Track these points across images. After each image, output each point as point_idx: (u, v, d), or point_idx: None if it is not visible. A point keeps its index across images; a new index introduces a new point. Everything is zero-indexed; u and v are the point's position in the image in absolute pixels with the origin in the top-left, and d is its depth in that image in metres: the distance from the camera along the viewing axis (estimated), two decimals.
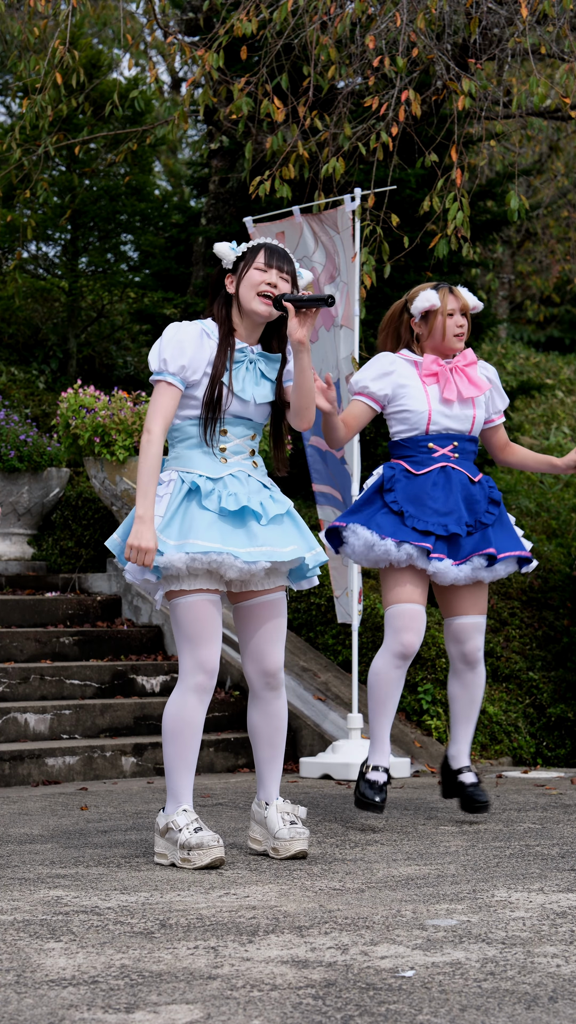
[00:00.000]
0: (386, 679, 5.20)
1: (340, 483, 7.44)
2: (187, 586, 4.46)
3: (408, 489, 5.24)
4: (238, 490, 4.51)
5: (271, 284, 4.57)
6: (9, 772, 6.90)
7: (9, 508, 9.58)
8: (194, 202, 14.62)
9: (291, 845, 4.57)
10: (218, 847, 4.38)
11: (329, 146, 8.49)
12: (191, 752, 4.49)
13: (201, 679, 4.47)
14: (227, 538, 4.44)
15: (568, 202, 18.27)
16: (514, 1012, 2.65)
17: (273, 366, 4.66)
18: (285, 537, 4.54)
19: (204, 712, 4.49)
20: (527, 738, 8.30)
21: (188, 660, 4.48)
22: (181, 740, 4.47)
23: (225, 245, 4.64)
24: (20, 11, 10.65)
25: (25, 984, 2.92)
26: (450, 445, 5.32)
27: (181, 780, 4.49)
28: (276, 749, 4.65)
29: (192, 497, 4.49)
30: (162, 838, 4.51)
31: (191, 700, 4.46)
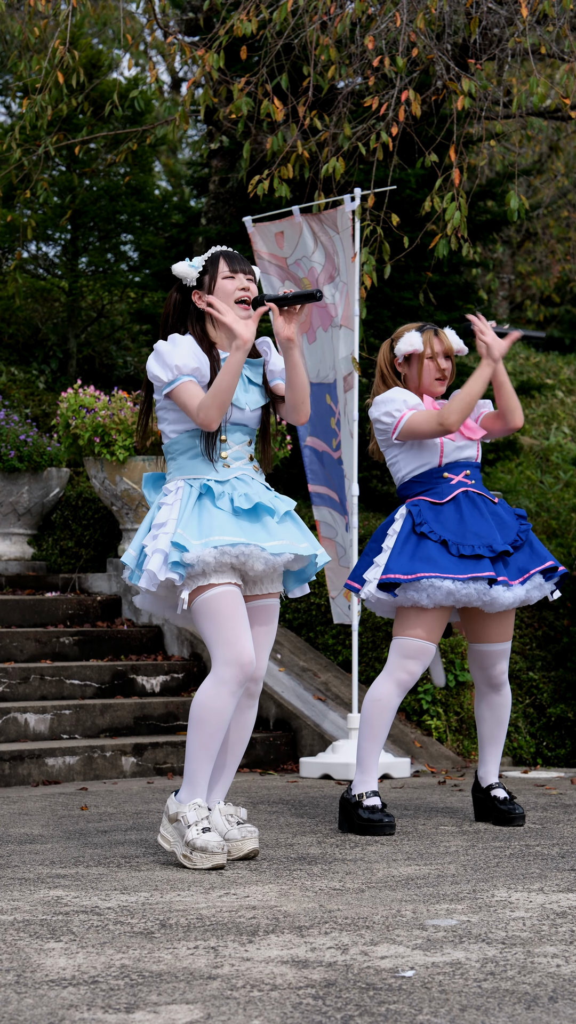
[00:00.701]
0: (387, 707, 5.20)
1: (336, 484, 7.44)
2: (215, 580, 4.44)
3: (438, 519, 5.23)
4: (247, 490, 4.55)
5: (243, 288, 4.64)
6: (9, 772, 6.90)
7: (9, 508, 9.58)
8: (194, 202, 14.62)
9: (243, 845, 4.59)
10: (221, 853, 4.40)
11: (329, 146, 8.49)
12: (215, 743, 4.45)
13: (236, 671, 4.43)
14: (248, 533, 4.47)
15: (568, 202, 18.27)
16: (514, 1012, 2.65)
17: (257, 371, 4.73)
18: (297, 535, 4.60)
19: (235, 705, 4.47)
20: (527, 738, 8.30)
21: (223, 653, 4.43)
22: (207, 730, 4.43)
23: (183, 264, 4.69)
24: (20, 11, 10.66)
25: (25, 984, 2.92)
26: (463, 472, 5.35)
27: (201, 769, 4.47)
28: (235, 757, 4.67)
29: (204, 499, 4.52)
30: (171, 823, 4.51)
31: (223, 692, 4.42)
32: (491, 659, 5.40)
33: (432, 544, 5.17)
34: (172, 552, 4.41)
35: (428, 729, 7.98)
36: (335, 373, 7.33)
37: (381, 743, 5.25)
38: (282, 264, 7.52)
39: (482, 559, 5.16)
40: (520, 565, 5.27)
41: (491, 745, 5.49)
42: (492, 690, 5.44)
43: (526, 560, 5.29)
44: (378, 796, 5.22)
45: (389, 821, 5.15)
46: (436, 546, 5.16)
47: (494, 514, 5.32)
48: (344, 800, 5.26)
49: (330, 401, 7.40)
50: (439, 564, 5.13)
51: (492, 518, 5.30)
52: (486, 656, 5.39)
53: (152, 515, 4.61)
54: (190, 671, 8.26)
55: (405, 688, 5.22)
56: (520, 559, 5.28)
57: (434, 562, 5.13)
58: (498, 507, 5.36)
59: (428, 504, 5.27)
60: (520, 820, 5.38)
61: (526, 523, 5.35)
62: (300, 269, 7.44)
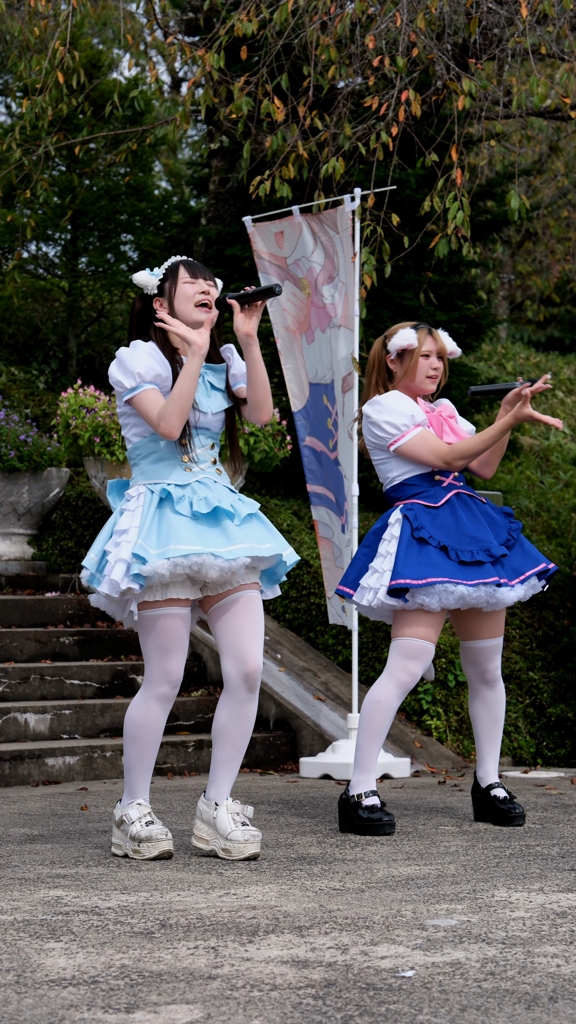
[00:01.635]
0: (388, 708, 5.20)
1: (333, 484, 7.44)
2: (161, 596, 4.56)
3: (435, 523, 5.23)
4: (207, 494, 4.62)
5: (204, 292, 4.72)
6: (9, 772, 6.90)
7: (9, 508, 9.58)
8: (194, 202, 14.62)
9: (245, 848, 4.62)
10: (166, 840, 4.58)
11: (329, 146, 8.48)
12: (150, 755, 4.68)
13: (165, 689, 4.63)
14: (205, 539, 4.54)
15: (568, 202, 18.26)
16: (514, 1012, 2.65)
17: (219, 376, 4.82)
18: (261, 535, 4.64)
19: (164, 719, 4.67)
20: (527, 738, 8.30)
21: (155, 670, 4.62)
22: (142, 744, 4.66)
23: (144, 273, 4.78)
24: (20, 11, 10.65)
25: (25, 984, 2.92)
26: (452, 474, 5.35)
27: (139, 779, 4.69)
28: (238, 751, 4.71)
29: (164, 505, 4.59)
30: (118, 829, 4.68)
31: (154, 708, 4.63)
32: (484, 655, 5.39)
33: (433, 550, 5.17)
34: (133, 563, 4.50)
35: (428, 729, 7.98)
36: (332, 374, 7.33)
37: (380, 743, 5.25)
38: (282, 264, 7.52)
39: (483, 564, 5.16)
40: (515, 566, 5.28)
41: (488, 744, 5.49)
42: (486, 687, 5.43)
43: (520, 561, 5.30)
44: (377, 796, 5.22)
45: (389, 820, 5.15)
46: (437, 552, 5.16)
47: (485, 514, 5.32)
48: (343, 801, 5.26)
49: (327, 402, 7.40)
50: (446, 570, 5.13)
51: (484, 519, 5.30)
52: (479, 652, 5.39)
53: (114, 520, 4.69)
54: (190, 671, 8.26)
55: (406, 689, 5.22)
56: (514, 559, 5.30)
57: (441, 568, 5.13)
58: (487, 507, 5.37)
59: (423, 508, 5.26)
60: (520, 820, 5.38)
61: (516, 522, 5.36)
62: (299, 269, 7.44)
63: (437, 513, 5.25)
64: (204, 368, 4.77)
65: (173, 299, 4.73)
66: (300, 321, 7.51)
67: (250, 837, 4.62)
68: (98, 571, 4.66)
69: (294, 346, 7.59)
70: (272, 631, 8.60)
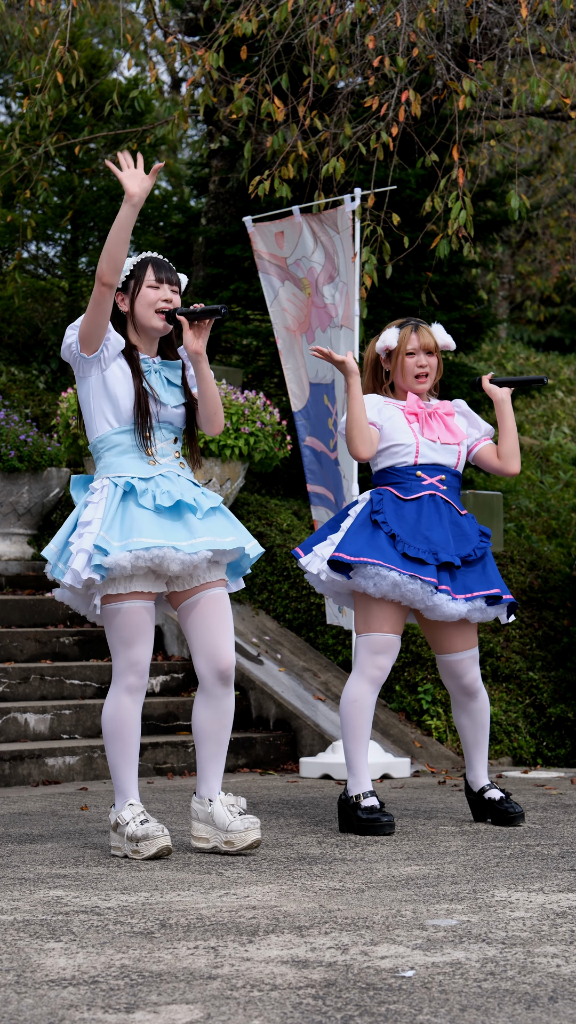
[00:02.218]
0: (364, 705, 5.18)
1: (333, 484, 7.44)
2: (124, 589, 4.59)
3: (397, 513, 5.21)
4: (170, 488, 4.64)
5: (166, 300, 4.74)
6: (9, 772, 6.90)
7: (9, 508, 9.58)
8: (194, 202, 14.62)
9: (247, 836, 4.66)
10: (163, 836, 4.57)
11: (329, 146, 8.48)
12: (132, 749, 4.67)
13: (133, 680, 4.64)
14: (167, 533, 4.57)
15: (568, 202, 18.27)
16: (514, 1012, 2.65)
17: (175, 372, 4.84)
18: (223, 529, 4.67)
19: (139, 710, 4.67)
20: (527, 738, 8.30)
21: (121, 662, 4.64)
22: (121, 739, 4.66)
23: None
24: (20, 11, 10.65)
25: (25, 984, 2.92)
26: (438, 476, 5.31)
27: (126, 776, 4.68)
28: (221, 746, 4.77)
29: (128, 498, 4.62)
30: (115, 832, 4.68)
31: (125, 700, 4.65)
32: (461, 667, 5.33)
33: (383, 536, 5.16)
34: (95, 554, 4.52)
35: (428, 729, 7.98)
36: (333, 374, 7.33)
37: (366, 742, 5.24)
38: (282, 264, 7.52)
39: (426, 565, 5.13)
40: (467, 583, 5.21)
41: (476, 750, 5.46)
42: (468, 698, 5.38)
43: (474, 580, 5.22)
44: (375, 796, 5.21)
45: (388, 820, 5.15)
46: (386, 538, 5.15)
47: (455, 524, 5.27)
48: (342, 802, 5.26)
49: (328, 402, 7.40)
50: (386, 555, 5.11)
51: (451, 527, 5.25)
52: (455, 665, 5.34)
53: (78, 512, 4.71)
54: (190, 671, 8.26)
55: (379, 684, 5.20)
56: (468, 577, 5.21)
57: (383, 553, 5.11)
58: (463, 519, 5.31)
59: (392, 496, 5.24)
60: (520, 819, 5.37)
61: (485, 542, 5.30)
62: (300, 269, 7.44)
63: (403, 505, 5.23)
64: (160, 364, 4.79)
65: (135, 299, 4.75)
66: (300, 321, 7.51)
67: (250, 825, 4.67)
68: (60, 561, 4.68)
69: (295, 346, 7.59)
70: (272, 631, 8.60)
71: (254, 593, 8.83)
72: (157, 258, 4.79)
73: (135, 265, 4.77)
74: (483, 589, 5.20)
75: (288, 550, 8.76)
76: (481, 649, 8.65)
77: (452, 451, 5.33)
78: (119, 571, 4.52)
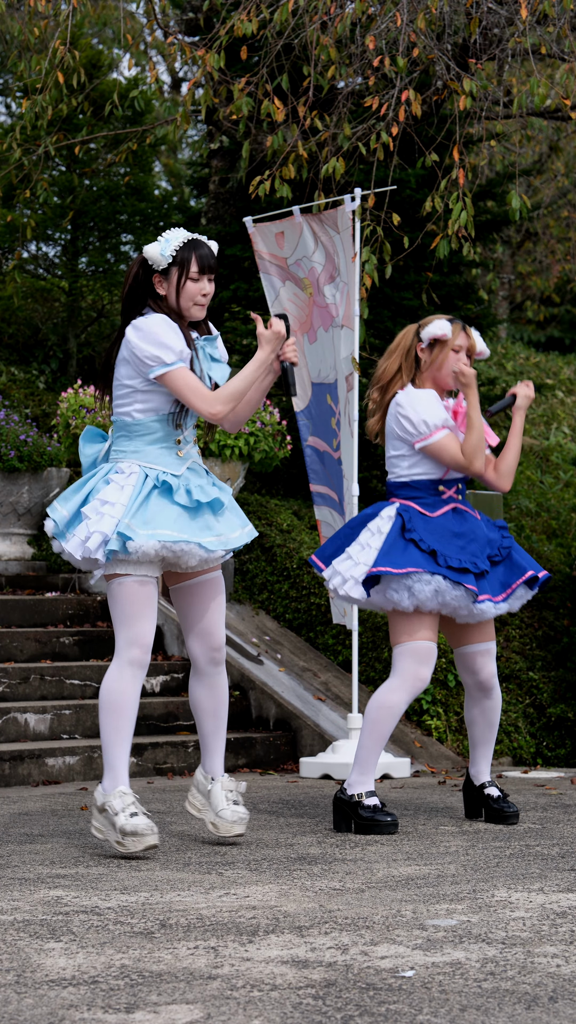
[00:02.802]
0: (396, 713, 5.19)
1: (336, 484, 7.44)
2: (133, 571, 4.61)
3: (429, 530, 5.21)
4: (200, 483, 4.70)
5: (205, 294, 4.72)
6: (9, 772, 6.90)
7: (9, 508, 9.58)
8: (194, 202, 14.62)
9: (232, 827, 4.83)
10: (152, 835, 4.57)
11: (329, 146, 8.48)
12: (127, 724, 4.65)
13: (136, 653, 4.64)
14: (191, 528, 4.61)
15: (568, 202, 18.26)
16: (514, 1012, 2.65)
17: (215, 346, 4.82)
18: (232, 523, 4.72)
19: (139, 687, 4.66)
20: (527, 738, 8.30)
21: (123, 636, 4.64)
22: (116, 712, 4.63)
23: (155, 247, 4.70)
24: (20, 11, 10.65)
25: (25, 984, 2.92)
26: (455, 487, 5.33)
27: (118, 754, 4.65)
28: (220, 720, 4.87)
29: (156, 492, 4.63)
30: (100, 814, 4.67)
31: (126, 674, 4.64)
32: (478, 661, 5.36)
33: (418, 552, 5.16)
34: (114, 540, 4.53)
35: (428, 729, 7.98)
36: (336, 373, 7.33)
37: (383, 746, 5.26)
38: (282, 264, 7.52)
39: (468, 573, 5.15)
40: (502, 579, 5.26)
41: (483, 747, 5.48)
42: (483, 694, 5.40)
43: (507, 574, 5.26)
44: (376, 795, 5.22)
45: (392, 820, 5.15)
46: (424, 555, 5.16)
47: (479, 529, 5.30)
48: (340, 800, 5.25)
49: (331, 401, 7.40)
50: (429, 566, 5.13)
51: (478, 533, 5.28)
52: (473, 658, 5.35)
53: (96, 484, 4.68)
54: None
55: (417, 694, 5.23)
56: (501, 573, 5.26)
57: (423, 563, 5.13)
58: (480, 522, 5.34)
59: (418, 513, 5.24)
60: (514, 818, 5.38)
61: (508, 536, 5.32)
62: (300, 269, 7.44)
63: (432, 521, 5.23)
64: (203, 341, 4.78)
65: (179, 289, 4.69)
66: (302, 321, 7.51)
67: (238, 819, 4.82)
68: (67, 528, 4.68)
69: (296, 346, 7.59)
70: (272, 631, 8.61)
71: (254, 593, 8.83)
72: (198, 243, 4.71)
73: (180, 252, 4.69)
74: (518, 578, 5.27)
75: (288, 550, 8.76)
76: None
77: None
78: (142, 557, 4.55)
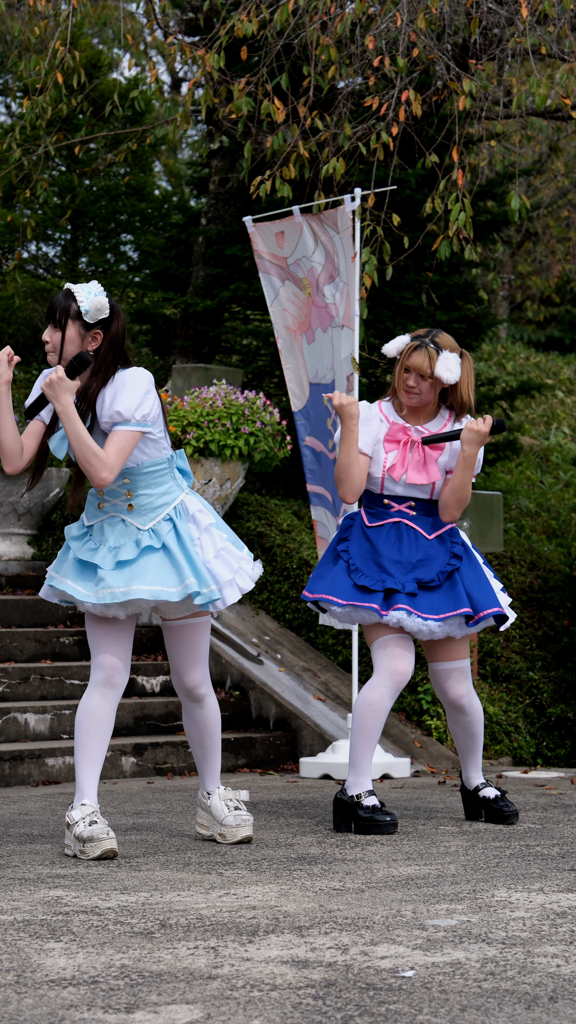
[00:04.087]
0: (381, 710, 5.19)
1: (331, 484, 7.44)
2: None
3: (359, 541, 5.28)
4: (108, 534, 4.78)
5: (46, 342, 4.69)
6: (9, 772, 6.90)
7: (9, 508, 9.58)
8: (194, 202, 14.62)
9: (237, 831, 4.89)
10: (108, 839, 4.60)
11: (329, 146, 8.48)
12: (94, 745, 4.73)
13: (100, 675, 4.76)
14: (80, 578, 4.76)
15: (568, 202, 18.27)
16: (514, 1012, 2.65)
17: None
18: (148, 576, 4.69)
19: (109, 707, 4.75)
20: (527, 738, 8.30)
21: (94, 660, 4.81)
22: (84, 733, 4.75)
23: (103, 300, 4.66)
24: (20, 11, 10.65)
25: (25, 984, 2.92)
26: (407, 503, 5.30)
27: (84, 773, 4.73)
28: (207, 750, 4.98)
29: (72, 540, 4.87)
30: (69, 831, 4.71)
31: (94, 695, 4.76)
32: (447, 680, 5.31)
33: (343, 564, 5.25)
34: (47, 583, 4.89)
35: (428, 729, 7.98)
36: (333, 373, 7.33)
37: (374, 745, 5.25)
38: (282, 264, 7.52)
39: (370, 592, 5.16)
40: (434, 604, 5.18)
41: (468, 756, 5.47)
42: (457, 712, 5.38)
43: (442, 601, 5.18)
44: (375, 796, 5.22)
45: (392, 820, 5.15)
46: (345, 568, 5.24)
47: (419, 549, 5.24)
48: (340, 801, 5.25)
49: (327, 402, 7.40)
50: (336, 586, 5.21)
51: (413, 553, 5.24)
52: (441, 675, 5.32)
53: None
54: None
55: (399, 689, 5.22)
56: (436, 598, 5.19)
57: (334, 583, 5.22)
58: (430, 544, 5.26)
59: (360, 523, 5.32)
60: (513, 818, 5.38)
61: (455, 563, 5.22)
62: (300, 269, 7.44)
63: (368, 531, 5.29)
64: None
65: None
66: (301, 321, 7.51)
67: (241, 821, 4.89)
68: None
69: (295, 346, 7.59)
70: (272, 631, 8.61)
71: (254, 593, 8.83)
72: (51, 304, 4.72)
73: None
74: (452, 609, 5.17)
75: (288, 550, 8.76)
76: (481, 649, 8.65)
77: (422, 489, 5.28)
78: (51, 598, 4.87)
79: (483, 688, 8.38)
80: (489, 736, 8.17)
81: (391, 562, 5.21)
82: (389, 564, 5.21)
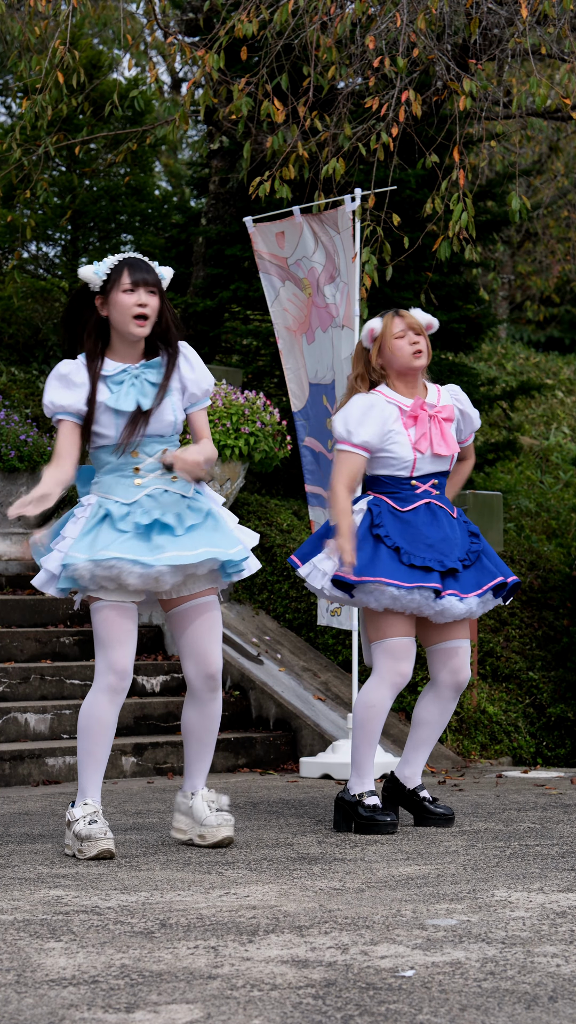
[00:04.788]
0: (382, 711, 5.19)
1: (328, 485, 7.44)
2: (106, 596, 4.64)
3: (397, 525, 5.21)
4: (152, 507, 4.64)
5: (141, 304, 4.65)
6: (9, 772, 6.90)
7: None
8: (194, 202, 14.63)
9: (218, 832, 4.79)
10: (106, 840, 4.57)
11: (329, 146, 8.48)
12: (99, 749, 4.68)
13: (112, 679, 4.66)
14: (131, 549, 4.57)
15: (568, 202, 18.27)
16: (514, 1012, 2.65)
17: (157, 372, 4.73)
18: (196, 541, 4.62)
19: (115, 712, 4.68)
20: (527, 738, 8.30)
21: (101, 661, 4.68)
22: (90, 737, 4.67)
23: (89, 269, 4.71)
24: (20, 11, 10.65)
25: (25, 984, 2.92)
26: (431, 482, 5.31)
27: (88, 776, 4.69)
28: (206, 746, 4.87)
29: (105, 521, 4.64)
30: (69, 830, 4.69)
31: (102, 699, 4.66)
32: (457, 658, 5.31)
33: (385, 549, 5.15)
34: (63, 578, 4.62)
35: None
36: (332, 374, 7.33)
37: (376, 745, 5.25)
38: (282, 264, 7.53)
39: (431, 571, 5.13)
40: (472, 580, 5.23)
41: (424, 748, 5.41)
42: (454, 693, 5.35)
43: (479, 576, 5.24)
44: (376, 796, 5.22)
45: (392, 820, 5.16)
46: (389, 552, 5.15)
47: (453, 530, 5.27)
48: (341, 800, 5.26)
49: (326, 402, 7.40)
50: (387, 569, 5.10)
51: (452, 532, 5.26)
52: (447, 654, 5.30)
53: (65, 520, 4.77)
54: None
55: (399, 689, 5.23)
56: (471, 576, 5.23)
57: (385, 567, 5.11)
58: (456, 522, 5.31)
59: (389, 508, 5.23)
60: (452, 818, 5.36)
61: (477, 542, 5.29)
62: (300, 269, 7.44)
63: (402, 516, 5.23)
64: (141, 368, 4.73)
65: (112, 305, 4.68)
66: (301, 321, 7.51)
67: (222, 821, 4.80)
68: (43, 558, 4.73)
69: (295, 346, 7.59)
70: (272, 631, 8.61)
71: (254, 593, 8.83)
72: (132, 259, 4.71)
73: (112, 268, 4.69)
74: (488, 581, 5.24)
75: (288, 550, 8.76)
76: (481, 649, 8.65)
77: (445, 461, 5.33)
78: (81, 581, 4.59)
79: (483, 688, 8.38)
80: (489, 736, 8.17)
81: (440, 541, 5.20)
82: (439, 543, 5.19)
